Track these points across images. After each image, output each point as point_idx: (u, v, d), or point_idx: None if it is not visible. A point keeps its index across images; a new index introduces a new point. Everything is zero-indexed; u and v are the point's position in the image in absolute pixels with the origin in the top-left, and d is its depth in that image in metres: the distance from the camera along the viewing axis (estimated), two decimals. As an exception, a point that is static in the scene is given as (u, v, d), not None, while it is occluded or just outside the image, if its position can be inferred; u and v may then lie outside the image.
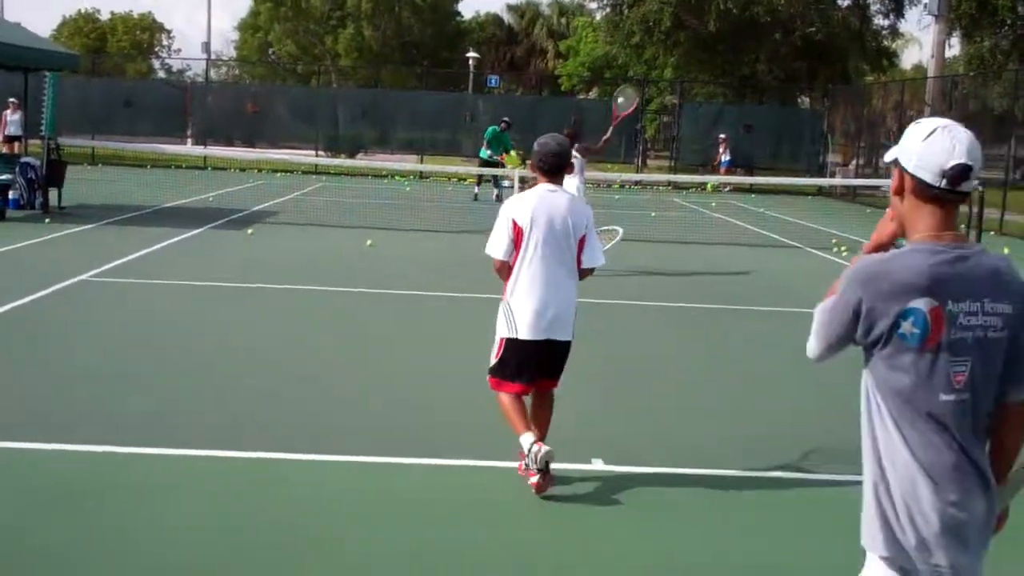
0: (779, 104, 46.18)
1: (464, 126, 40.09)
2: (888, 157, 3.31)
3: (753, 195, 35.31)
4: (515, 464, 6.53)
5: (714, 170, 37.25)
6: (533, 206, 6.34)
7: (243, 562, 5.24)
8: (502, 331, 6.47)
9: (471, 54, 59.11)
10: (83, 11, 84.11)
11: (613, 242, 14.44)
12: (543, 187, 6.43)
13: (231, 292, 12.99)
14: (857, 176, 36.54)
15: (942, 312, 3.10)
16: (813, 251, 19.72)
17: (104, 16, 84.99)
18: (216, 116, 42.16)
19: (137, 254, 15.38)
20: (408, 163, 37.76)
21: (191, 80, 49.61)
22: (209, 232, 18.72)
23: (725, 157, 37.50)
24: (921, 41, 61.48)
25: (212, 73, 50.37)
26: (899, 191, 3.28)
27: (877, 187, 34.70)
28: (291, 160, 35.98)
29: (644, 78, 47.90)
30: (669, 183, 37.28)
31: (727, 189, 36.61)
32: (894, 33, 48.82)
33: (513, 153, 28.75)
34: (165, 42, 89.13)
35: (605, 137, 15.24)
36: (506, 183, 27.67)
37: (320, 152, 39.54)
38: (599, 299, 12.19)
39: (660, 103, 49.16)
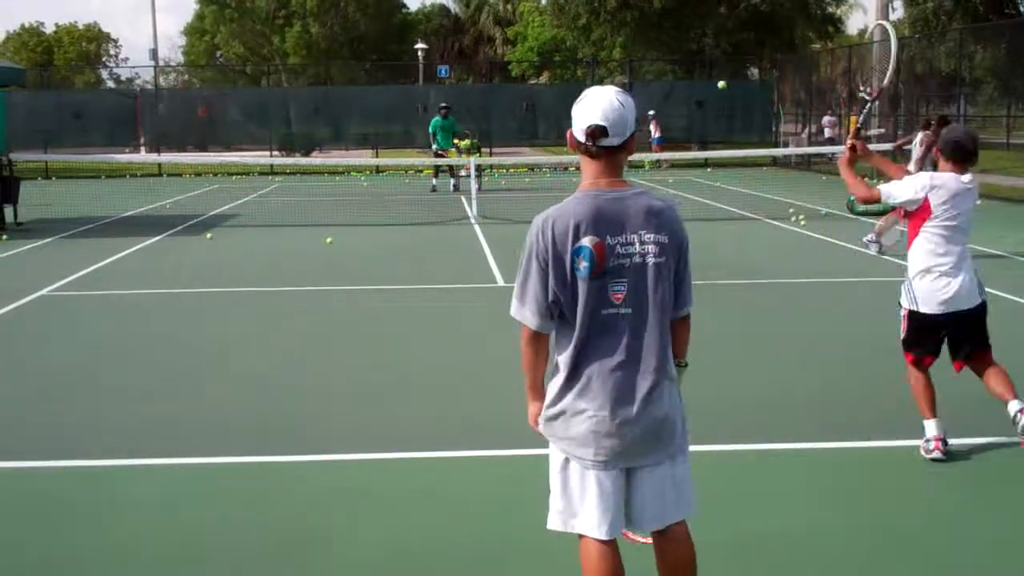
0: (729, 77, 46.37)
1: (417, 118, 40.00)
2: None
3: (709, 169, 35.48)
4: (485, 453, 6.63)
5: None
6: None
7: (243, 565, 5.27)
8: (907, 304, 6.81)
9: (419, 45, 58.96)
10: (27, 25, 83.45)
11: None
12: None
13: (194, 298, 12.96)
14: (810, 144, 36.76)
15: (603, 245, 3.74)
16: (771, 222, 19.85)
17: (49, 29, 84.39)
18: (168, 122, 41.88)
19: (96, 266, 15.31)
20: (363, 158, 37.70)
21: (140, 88, 49.16)
22: (168, 239, 18.64)
23: (656, 134, 37.31)
24: (865, 6, 61.63)
25: (161, 80, 49.96)
26: (572, 146, 3.88)
27: (831, 154, 35.00)
28: (246, 162, 35.80)
29: (593, 59, 47.98)
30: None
31: (666, 166, 36.64)
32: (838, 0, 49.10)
33: (467, 141, 28.70)
34: (112, 51, 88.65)
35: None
36: (463, 173, 27.67)
37: (274, 152, 39.39)
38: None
39: (611, 83, 49.21)
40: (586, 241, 3.74)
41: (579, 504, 3.93)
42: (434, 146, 28.26)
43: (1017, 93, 35.19)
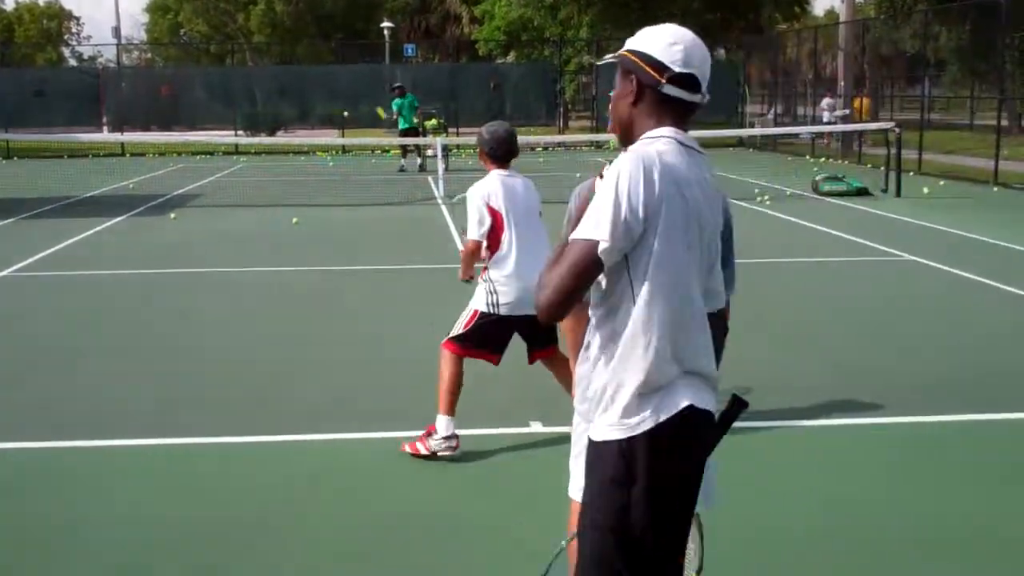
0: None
1: (384, 98, 39.83)
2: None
3: (675, 150, 35.45)
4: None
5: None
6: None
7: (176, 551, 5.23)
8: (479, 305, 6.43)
9: (386, 24, 58.66)
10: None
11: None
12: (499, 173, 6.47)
13: (157, 278, 12.85)
14: (776, 125, 36.87)
15: None
16: (737, 202, 19.88)
17: (9, 6, 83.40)
18: (131, 101, 41.56)
19: (58, 247, 15.16)
20: (329, 138, 37.52)
21: (103, 66, 48.70)
22: (131, 219, 18.48)
23: None
24: (832, -13, 61.69)
25: (124, 58, 49.39)
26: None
27: (796, 135, 35.13)
28: (210, 142, 35.52)
29: (560, 38, 47.89)
30: (591, 143, 37.30)
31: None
32: (804, -20, 49.25)
33: (433, 121, 28.61)
34: (74, 29, 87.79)
35: None
36: (429, 152, 27.59)
37: (239, 132, 39.12)
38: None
39: (578, 63, 49.19)
40: None
41: None
42: (402, 124, 28.18)
43: (981, 75, 35.40)
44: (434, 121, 29.99)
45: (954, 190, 22.27)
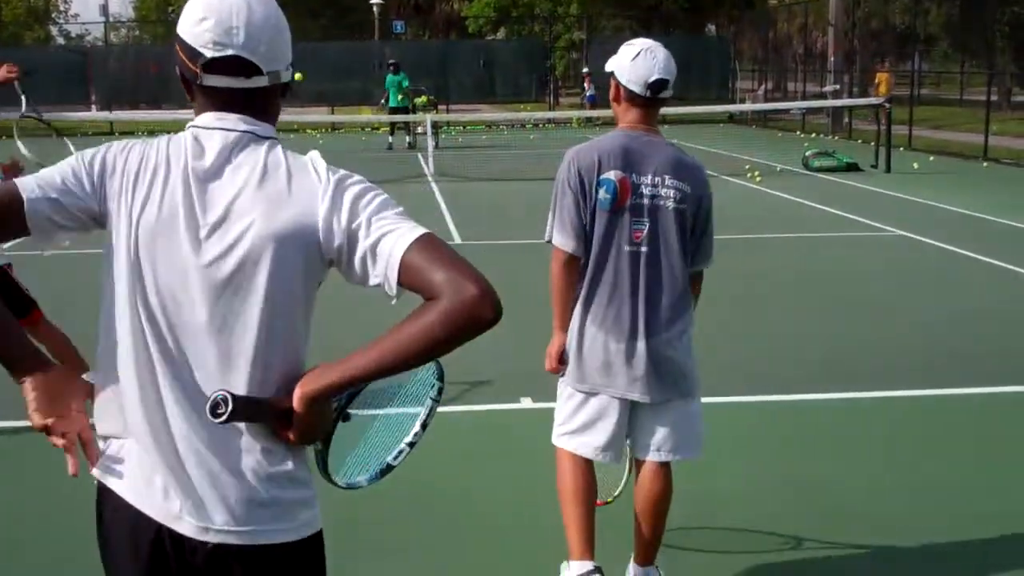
0: (686, 34, 46.29)
1: (373, 75, 39.71)
2: (608, 68, 4.12)
3: (665, 126, 35.38)
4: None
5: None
6: None
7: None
8: None
9: (375, 1, 58.40)
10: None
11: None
12: None
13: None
14: (767, 100, 36.81)
15: (628, 181, 3.97)
16: (728, 178, 19.89)
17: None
18: (120, 79, 41.34)
19: (49, 225, 15.10)
20: (319, 116, 37.37)
21: (91, 45, 48.45)
22: (121, 198, 18.39)
23: (589, 92, 36.49)
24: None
25: (112, 36, 49.15)
26: (616, 98, 4.10)
27: (786, 110, 35.08)
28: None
29: (550, 15, 47.76)
30: (585, 119, 37.05)
31: (600, 123, 35.92)
32: (795, -45, 49.04)
33: (423, 98, 28.58)
34: (61, 7, 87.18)
35: None
36: (419, 130, 27.53)
37: (229, 109, 38.91)
38: (514, 240, 12.18)
39: (568, 39, 49.09)
40: (611, 174, 3.98)
41: (586, 428, 4.13)
42: (382, 102, 28.23)
43: (971, 50, 35.39)
44: (424, 98, 29.93)
45: (944, 165, 22.29)
